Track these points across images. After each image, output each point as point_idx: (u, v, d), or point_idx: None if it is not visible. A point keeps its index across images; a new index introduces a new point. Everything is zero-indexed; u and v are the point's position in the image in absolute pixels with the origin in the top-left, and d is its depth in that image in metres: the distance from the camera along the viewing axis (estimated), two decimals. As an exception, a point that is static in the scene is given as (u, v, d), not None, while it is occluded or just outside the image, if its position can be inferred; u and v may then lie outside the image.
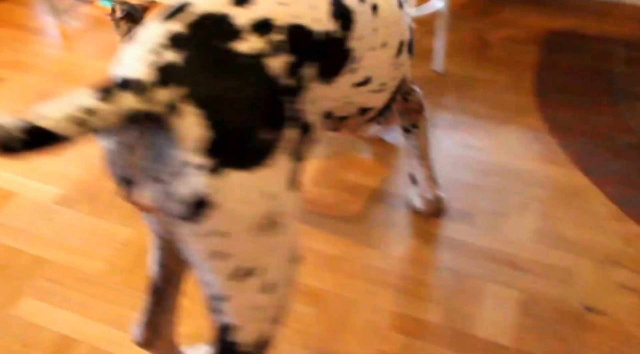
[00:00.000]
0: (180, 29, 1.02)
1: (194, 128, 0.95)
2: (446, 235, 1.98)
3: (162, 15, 1.06)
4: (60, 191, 2.12)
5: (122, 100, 0.91)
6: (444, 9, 2.56)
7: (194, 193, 0.97)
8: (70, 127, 0.87)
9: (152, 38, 1.01)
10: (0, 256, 1.91)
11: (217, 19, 1.03)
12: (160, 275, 1.37)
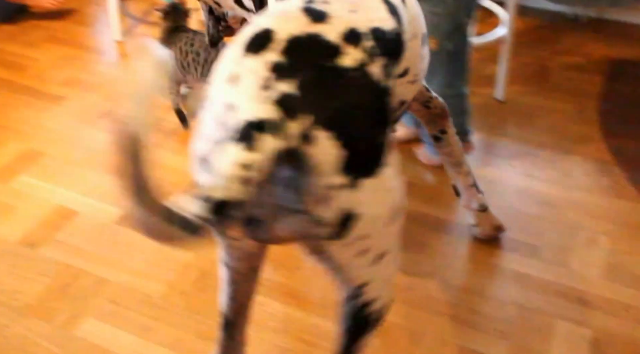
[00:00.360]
0: (277, 58, 1.01)
1: (329, 151, 0.97)
2: (511, 268, 1.94)
3: (244, 47, 1.04)
4: (120, 211, 2.12)
5: (266, 145, 0.92)
6: (508, 35, 2.53)
7: (340, 213, 1.01)
8: (242, 188, 0.89)
9: (254, 73, 1.00)
10: (62, 275, 1.91)
11: (309, 40, 1.03)
12: (232, 309, 1.37)
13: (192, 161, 1.10)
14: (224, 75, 1.05)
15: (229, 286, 1.35)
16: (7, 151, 2.35)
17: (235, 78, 1.02)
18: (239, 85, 1.01)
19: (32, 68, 2.78)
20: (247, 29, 1.09)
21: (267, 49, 1.02)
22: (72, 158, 2.33)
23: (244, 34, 1.08)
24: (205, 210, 0.87)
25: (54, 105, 2.58)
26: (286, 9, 1.11)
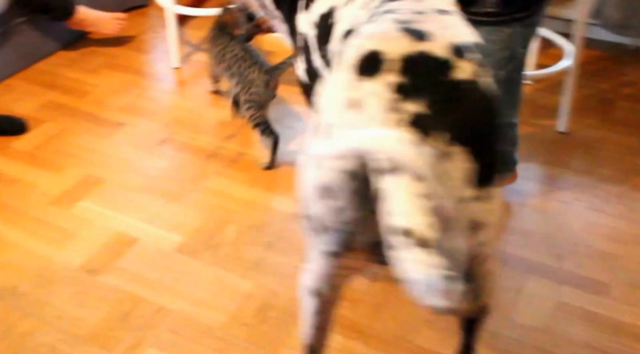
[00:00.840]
0: (398, 78, 1.03)
1: (464, 165, 1.01)
2: (579, 306, 1.89)
3: (355, 71, 1.06)
4: (181, 239, 2.12)
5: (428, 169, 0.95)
6: (573, 67, 2.49)
7: (469, 224, 1.06)
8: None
9: (378, 97, 1.02)
10: (123, 303, 1.91)
11: (421, 58, 1.06)
12: (317, 339, 1.38)
13: (307, 190, 1.12)
14: (339, 101, 1.06)
15: (316, 316, 1.37)
16: (67, 177, 2.38)
17: (356, 103, 1.04)
18: (363, 111, 1.02)
19: (92, 94, 2.83)
20: (347, 52, 1.11)
21: (383, 70, 1.04)
22: (131, 185, 2.35)
23: (345, 58, 1.10)
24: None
25: (113, 131, 2.61)
26: (383, 30, 1.14)
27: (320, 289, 1.33)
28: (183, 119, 2.69)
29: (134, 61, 3.07)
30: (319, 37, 1.58)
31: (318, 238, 1.19)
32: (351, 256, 1.17)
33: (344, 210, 1.07)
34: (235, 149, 2.53)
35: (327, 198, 1.08)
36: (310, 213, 1.15)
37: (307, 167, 1.13)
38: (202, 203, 2.28)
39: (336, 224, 1.10)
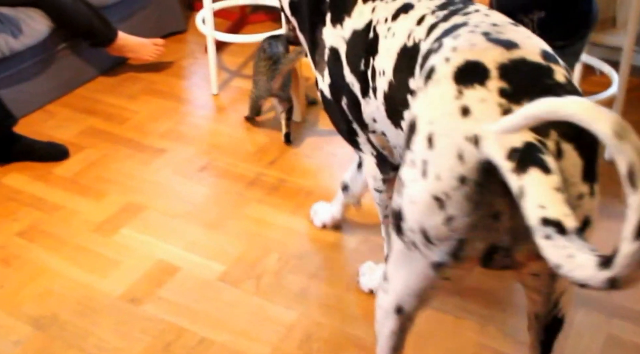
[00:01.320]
0: (501, 84, 1.11)
1: (575, 162, 1.08)
2: (629, 339, 1.84)
3: (457, 81, 1.14)
4: (223, 268, 2.11)
5: (553, 166, 1.01)
6: (618, 93, 2.45)
7: (582, 221, 1.09)
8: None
9: (487, 102, 1.09)
10: (165, 334, 1.90)
11: (520, 64, 1.15)
12: None
13: (412, 204, 1.17)
14: (446, 112, 1.12)
15: (395, 337, 1.41)
16: (109, 203, 2.39)
17: (466, 110, 1.10)
18: (475, 116, 1.09)
19: (131, 121, 2.85)
20: (439, 67, 1.18)
21: (485, 78, 1.12)
22: (173, 212, 2.35)
23: (439, 72, 1.17)
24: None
25: (154, 158, 2.62)
26: (472, 42, 1.21)
27: (404, 306, 1.36)
28: (222, 145, 2.69)
29: (173, 87, 3.09)
30: (352, 52, 1.60)
31: (421, 252, 1.23)
32: (458, 265, 1.21)
33: (456, 218, 1.13)
34: (276, 176, 2.52)
35: (437, 208, 1.14)
36: (412, 226, 1.20)
37: (411, 181, 1.18)
38: (244, 231, 2.26)
39: (447, 233, 1.15)
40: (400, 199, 1.22)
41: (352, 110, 1.67)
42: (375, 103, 1.56)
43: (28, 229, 2.29)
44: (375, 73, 1.52)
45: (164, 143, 2.71)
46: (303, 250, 2.19)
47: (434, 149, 1.13)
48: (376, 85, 1.53)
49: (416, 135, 1.17)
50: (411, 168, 1.17)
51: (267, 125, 2.82)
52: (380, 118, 1.58)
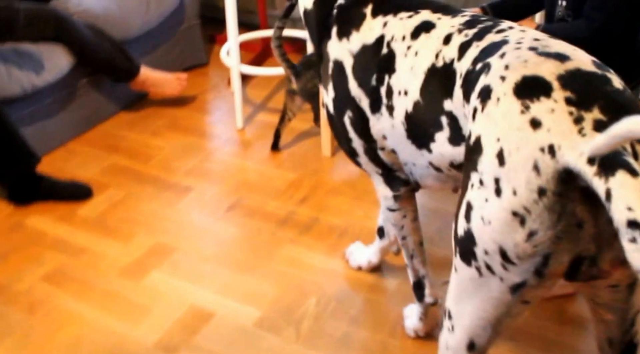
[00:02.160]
0: (566, 94, 1.13)
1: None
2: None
3: (519, 95, 1.15)
4: (260, 313, 2.04)
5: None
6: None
7: None
8: None
9: (556, 113, 1.11)
10: (202, 384, 1.82)
11: (578, 74, 1.17)
12: None
13: (498, 220, 1.15)
14: (514, 127, 1.13)
15: None
16: (137, 245, 2.32)
17: (536, 123, 1.12)
18: (546, 127, 1.10)
19: (156, 157, 2.79)
20: (496, 86, 1.20)
21: (548, 90, 1.14)
22: (204, 254, 2.28)
23: (497, 90, 1.19)
24: None
25: (180, 197, 2.56)
26: (523, 58, 1.22)
27: (476, 341, 1.32)
28: (251, 183, 2.63)
29: (197, 122, 3.04)
30: (360, 67, 1.61)
31: (497, 275, 1.21)
32: (541, 284, 1.19)
33: (538, 232, 1.12)
34: (308, 214, 2.45)
35: (517, 225, 1.13)
36: (488, 248, 1.18)
37: (482, 201, 1.17)
38: (278, 273, 2.19)
39: (531, 250, 1.14)
40: (468, 223, 1.20)
41: (356, 125, 1.67)
42: (390, 122, 1.56)
43: (53, 273, 2.22)
44: (393, 91, 1.52)
45: (190, 181, 2.64)
46: (341, 292, 2.11)
47: (507, 165, 1.13)
48: (393, 103, 1.53)
49: (483, 155, 1.17)
50: (479, 189, 1.17)
51: (295, 160, 2.76)
52: (393, 136, 1.58)
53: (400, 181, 1.74)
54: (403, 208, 1.78)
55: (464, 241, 1.22)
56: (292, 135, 2.92)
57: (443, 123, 1.42)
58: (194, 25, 3.40)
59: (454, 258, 1.28)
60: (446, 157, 1.46)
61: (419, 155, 1.54)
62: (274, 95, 3.24)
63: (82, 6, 2.82)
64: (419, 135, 1.50)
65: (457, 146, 1.42)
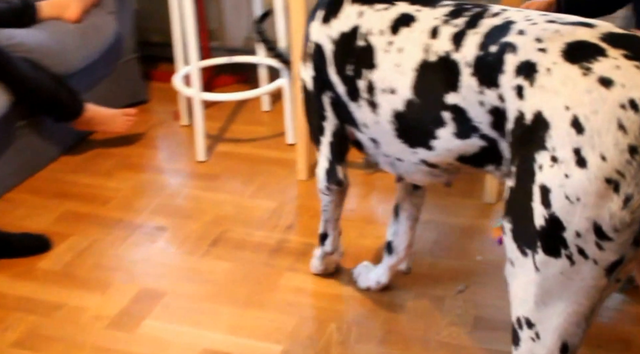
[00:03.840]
0: (620, 51, 1.12)
1: None
2: None
3: (574, 60, 1.14)
4: (281, 348, 1.87)
5: None
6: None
7: None
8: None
9: (623, 67, 1.10)
10: None
11: (613, 36, 1.16)
12: None
13: (588, 193, 1.09)
14: (582, 89, 1.10)
15: None
16: (118, 294, 2.10)
17: (605, 81, 1.09)
18: (620, 83, 1.08)
19: (115, 199, 2.57)
20: (540, 59, 1.18)
21: (600, 50, 1.14)
22: (197, 294, 2.08)
23: (545, 61, 1.17)
24: None
25: (154, 237, 2.35)
26: (550, 29, 1.22)
27: (569, 340, 1.24)
28: (229, 215, 2.46)
29: (151, 159, 2.85)
30: (338, 54, 1.61)
31: (590, 258, 1.15)
32: (636, 254, 1.15)
33: (635, 195, 1.08)
34: (300, 240, 2.31)
35: (611, 192, 1.09)
36: (580, 228, 1.13)
37: (562, 179, 1.12)
38: (286, 304, 2.03)
39: (629, 217, 1.10)
40: (549, 209, 1.14)
41: (336, 107, 1.68)
42: (373, 118, 1.55)
43: (25, 337, 1.95)
44: (375, 88, 1.51)
45: (160, 220, 2.44)
46: (359, 315, 1.98)
47: (586, 132, 1.09)
48: (376, 101, 1.52)
49: (552, 129, 1.13)
50: (554, 167, 1.12)
51: (270, 188, 2.62)
52: (377, 131, 1.57)
53: (335, 178, 1.82)
54: (332, 197, 1.88)
55: (548, 230, 1.15)
56: (261, 164, 2.78)
57: (445, 118, 1.39)
58: (132, 60, 3.22)
59: (527, 260, 1.21)
60: (454, 151, 1.43)
61: (410, 153, 1.53)
62: (228, 125, 3.10)
63: (14, 39, 2.58)
64: (414, 134, 1.48)
65: (468, 138, 1.38)
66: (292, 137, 2.90)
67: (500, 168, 1.41)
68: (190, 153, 2.85)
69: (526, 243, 1.21)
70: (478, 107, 1.32)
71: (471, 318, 1.96)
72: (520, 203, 1.20)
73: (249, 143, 2.95)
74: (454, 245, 2.28)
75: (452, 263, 2.18)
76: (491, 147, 1.37)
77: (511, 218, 1.24)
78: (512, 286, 1.29)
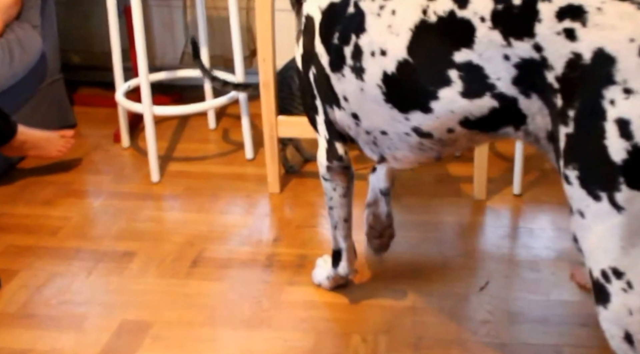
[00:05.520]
0: None
1: None
2: None
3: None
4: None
5: None
6: None
7: None
8: None
9: None
10: None
11: None
12: None
13: None
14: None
15: None
16: (97, 330, 1.81)
17: None
18: None
19: (65, 228, 2.27)
20: (583, 1, 1.16)
21: None
22: (191, 319, 1.84)
23: (589, 3, 1.15)
24: None
25: (124, 263, 2.08)
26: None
27: None
28: (203, 234, 2.22)
29: (96, 184, 2.56)
30: (325, 23, 1.58)
31: None
32: None
33: None
34: (291, 252, 2.11)
35: None
36: None
37: None
38: (298, 319, 1.82)
39: None
40: (631, 140, 1.11)
41: (319, 82, 1.66)
42: (358, 85, 1.52)
43: (-9, 391, 1.64)
44: (363, 52, 1.48)
45: (126, 245, 2.17)
46: (383, 323, 1.81)
47: None
48: (363, 65, 1.49)
49: (619, 63, 1.12)
50: (629, 99, 1.11)
51: (240, 204, 2.41)
52: (360, 101, 1.54)
53: (335, 154, 1.74)
54: (334, 181, 1.79)
55: (631, 162, 1.12)
56: (221, 180, 2.56)
57: (452, 77, 1.34)
58: (58, 81, 2.92)
59: (602, 204, 1.15)
60: (458, 113, 1.38)
61: (399, 121, 1.49)
62: (174, 145, 2.86)
63: None
64: (407, 97, 1.44)
65: (477, 98, 1.33)
66: (251, 152, 2.71)
67: (522, 128, 1.35)
68: (141, 175, 2.60)
69: (600, 185, 1.15)
70: (501, 61, 1.28)
71: (504, 314, 1.82)
72: (588, 145, 1.16)
73: (202, 161, 2.73)
74: (457, 243, 2.16)
75: (461, 261, 2.06)
76: (505, 107, 1.32)
77: (577, 164, 1.18)
78: (587, 240, 1.20)
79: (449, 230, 2.22)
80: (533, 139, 1.36)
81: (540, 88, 1.25)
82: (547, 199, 2.37)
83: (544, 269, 2.01)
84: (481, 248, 2.13)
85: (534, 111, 1.30)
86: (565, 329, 1.76)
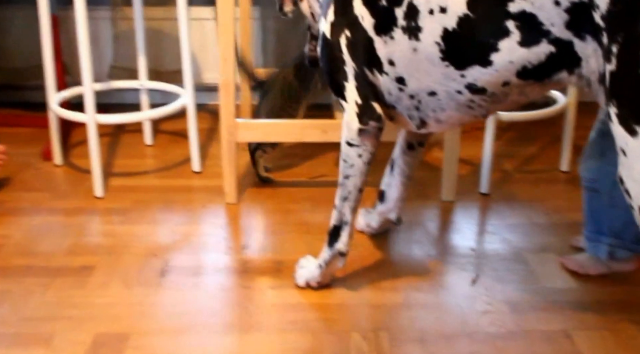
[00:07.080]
0: None
1: None
2: None
3: None
4: (318, 365, 1.58)
5: None
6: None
7: None
8: None
9: None
10: None
11: None
12: None
13: None
14: None
15: None
16: (70, 347, 1.66)
17: None
18: None
19: (6, 246, 2.10)
20: None
21: None
22: (170, 329, 1.72)
23: None
24: None
25: (85, 277, 1.94)
26: None
27: None
28: (165, 245, 2.11)
29: (35, 202, 2.39)
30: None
31: None
32: None
33: None
34: (265, 258, 2.04)
35: None
36: None
37: None
38: (289, 321, 1.75)
39: None
40: None
41: (355, 46, 1.64)
42: (411, 45, 1.53)
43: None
44: (419, 11, 1.50)
45: (83, 259, 2.03)
46: (381, 319, 1.76)
47: None
48: (420, 24, 1.50)
49: None
50: None
51: (195, 216, 2.31)
52: (411, 62, 1.55)
53: (374, 115, 1.70)
54: (363, 145, 1.73)
55: None
56: (171, 193, 2.46)
57: (509, 28, 1.39)
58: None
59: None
60: (517, 63, 1.42)
61: (453, 79, 1.51)
62: (110, 160, 2.73)
63: None
64: (465, 53, 1.47)
65: (535, 45, 1.38)
66: (198, 165, 2.63)
67: (576, 72, 1.39)
68: (82, 191, 2.45)
69: (637, 120, 1.19)
70: (552, 7, 1.32)
71: (504, 304, 1.82)
72: (625, 78, 1.20)
73: (146, 175, 2.62)
74: (436, 242, 2.16)
75: (445, 258, 2.05)
76: (562, 52, 1.36)
77: (616, 100, 1.22)
78: (630, 179, 1.24)
79: (424, 231, 2.22)
80: (585, 83, 1.38)
81: (592, 29, 1.28)
82: (516, 197, 2.42)
83: (530, 261, 2.03)
84: (462, 245, 2.14)
85: (589, 53, 1.33)
86: (568, 314, 1.78)
